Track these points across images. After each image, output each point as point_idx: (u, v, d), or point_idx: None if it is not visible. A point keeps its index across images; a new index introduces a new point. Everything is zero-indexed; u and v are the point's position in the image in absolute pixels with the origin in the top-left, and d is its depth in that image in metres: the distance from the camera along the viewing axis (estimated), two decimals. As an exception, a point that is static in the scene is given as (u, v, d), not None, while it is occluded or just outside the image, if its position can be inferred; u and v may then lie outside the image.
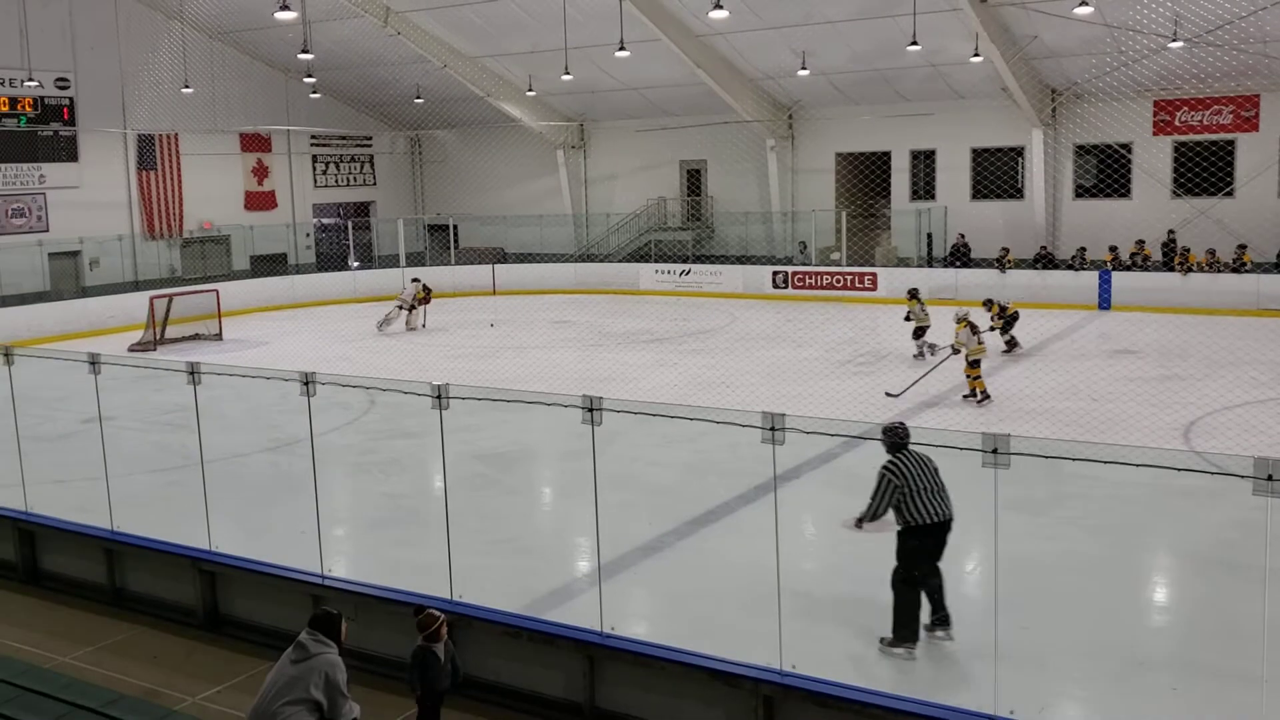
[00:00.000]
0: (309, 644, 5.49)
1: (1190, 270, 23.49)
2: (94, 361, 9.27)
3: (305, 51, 24.09)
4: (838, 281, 27.41)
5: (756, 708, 6.08)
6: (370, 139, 36.02)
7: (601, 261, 31.85)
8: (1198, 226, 24.86)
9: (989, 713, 5.60)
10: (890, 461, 7.33)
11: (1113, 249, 25.00)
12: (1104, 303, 23.83)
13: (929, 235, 28.07)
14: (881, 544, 9.79)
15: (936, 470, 7.32)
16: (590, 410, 6.96)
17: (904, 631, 7.18)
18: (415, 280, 25.01)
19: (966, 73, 25.55)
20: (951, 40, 24.07)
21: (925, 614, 7.37)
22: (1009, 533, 9.39)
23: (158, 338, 22.80)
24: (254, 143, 32.32)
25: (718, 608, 8.33)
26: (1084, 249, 25.43)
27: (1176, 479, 9.76)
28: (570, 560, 9.53)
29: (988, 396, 15.33)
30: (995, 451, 5.82)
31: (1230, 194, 24.99)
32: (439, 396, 7.22)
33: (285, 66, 31.11)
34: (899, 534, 7.33)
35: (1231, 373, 16.38)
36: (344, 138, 34.94)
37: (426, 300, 24.46)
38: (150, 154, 29.11)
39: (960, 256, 26.73)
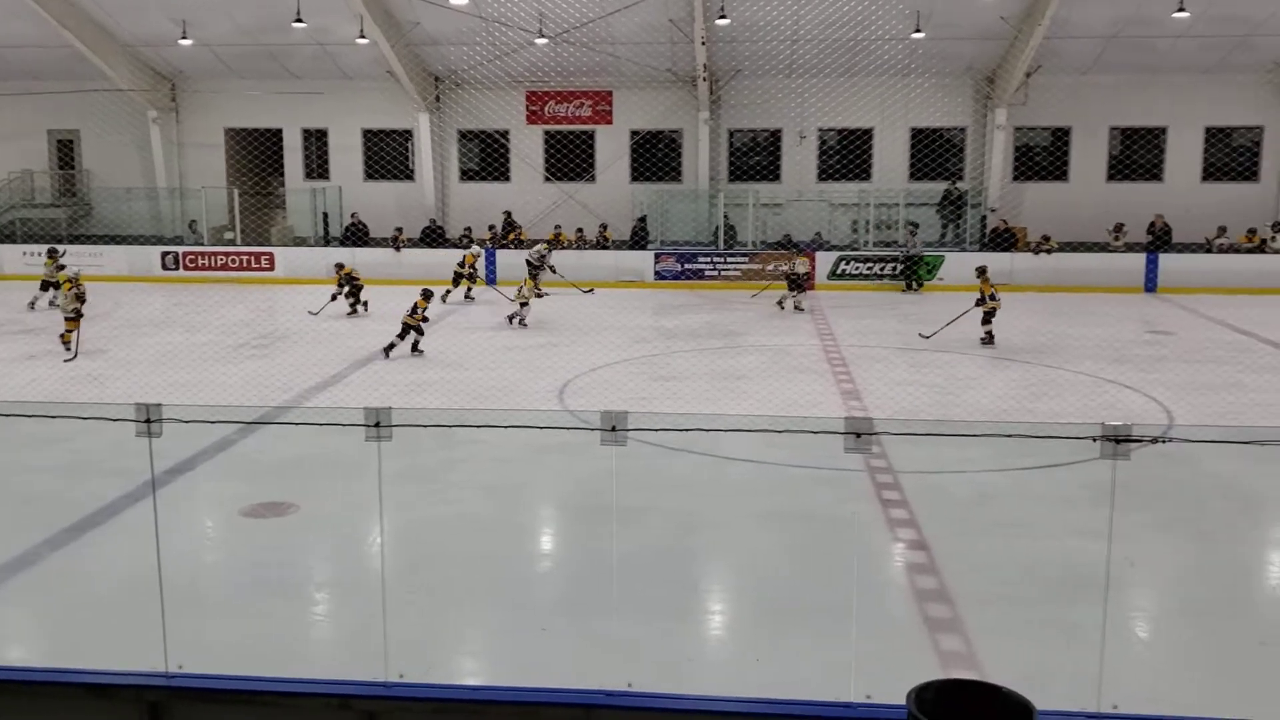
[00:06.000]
0: None
1: (567, 247, 25.94)
2: None
3: None
4: (233, 262, 26.49)
5: (141, 716, 5.82)
6: None
7: (-49, 243, 27.77)
8: (566, 209, 27.54)
9: (381, 680, 5.86)
10: None
11: (491, 228, 26.87)
12: (490, 278, 25.54)
13: (325, 215, 28.07)
14: (285, 531, 9.79)
15: None
16: (-75, 417, 6.14)
17: None
18: None
19: (354, 54, 25.85)
20: (337, 20, 24.19)
21: None
22: (403, 502, 9.90)
23: None
24: None
25: (102, 616, 7.81)
26: (470, 229, 27.03)
27: (553, 435, 10.87)
28: (-84, 589, 8.34)
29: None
30: (378, 425, 6.05)
31: (592, 179, 27.97)
32: None
33: None
34: None
35: (595, 338, 18.44)
36: None
37: None
38: None
39: (356, 236, 27.04)
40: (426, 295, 17.76)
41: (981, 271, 18.58)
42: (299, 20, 23.10)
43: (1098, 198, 26.72)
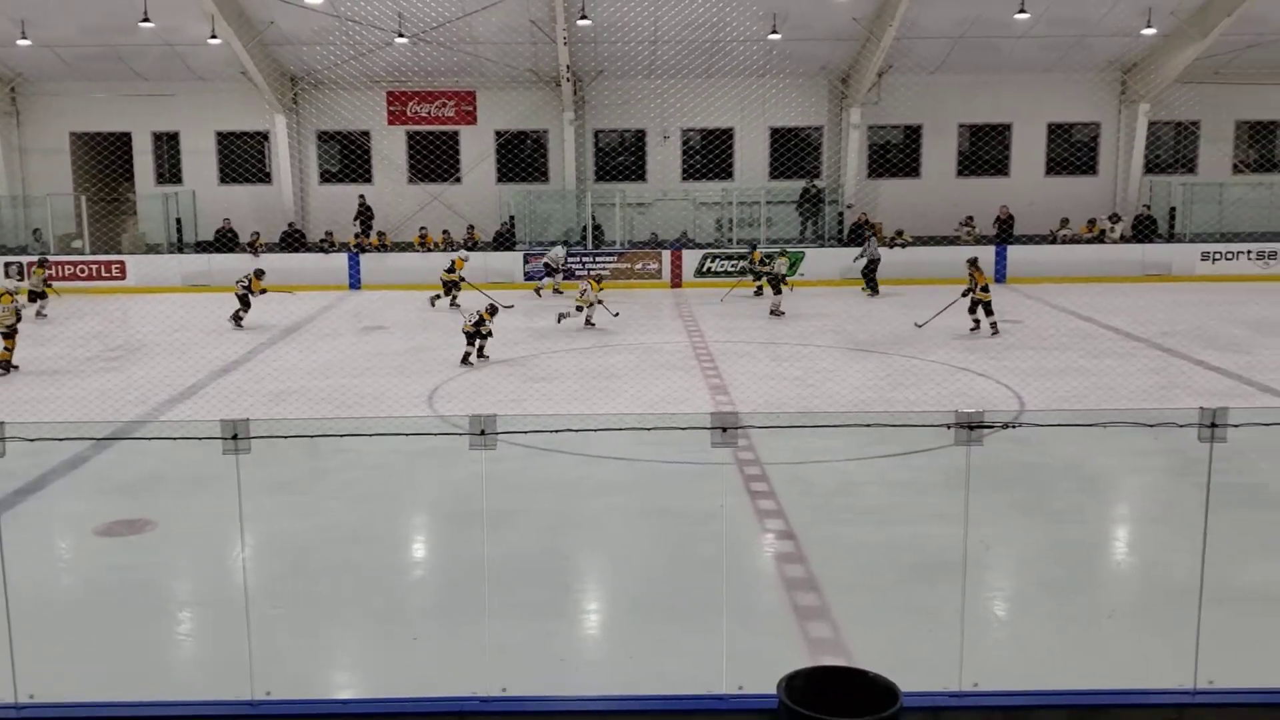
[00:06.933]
0: None
1: (430, 249, 25.60)
2: None
3: None
4: (82, 271, 25.43)
5: (-7, 749, 5.57)
6: None
7: None
8: (432, 210, 27.22)
9: (246, 698, 5.72)
10: None
11: (357, 235, 26.40)
12: (354, 282, 25.13)
13: (178, 220, 27.11)
14: (143, 549, 9.44)
15: None
16: None
17: None
18: None
19: (205, 54, 25.04)
20: (187, 19, 23.42)
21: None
22: (267, 514, 9.66)
23: None
24: None
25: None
26: (331, 232, 26.50)
27: (422, 441, 10.71)
28: None
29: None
30: (235, 437, 5.90)
31: (458, 180, 27.71)
32: None
33: None
34: None
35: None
36: None
37: None
38: None
39: (226, 242, 26.24)
40: (492, 311, 17.29)
41: (973, 262, 18.88)
42: (146, 20, 22.29)
43: (948, 193, 27.72)
